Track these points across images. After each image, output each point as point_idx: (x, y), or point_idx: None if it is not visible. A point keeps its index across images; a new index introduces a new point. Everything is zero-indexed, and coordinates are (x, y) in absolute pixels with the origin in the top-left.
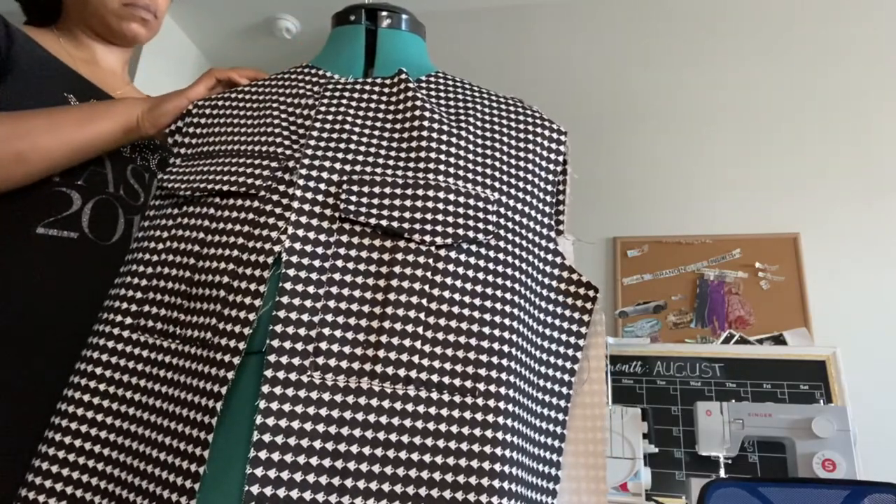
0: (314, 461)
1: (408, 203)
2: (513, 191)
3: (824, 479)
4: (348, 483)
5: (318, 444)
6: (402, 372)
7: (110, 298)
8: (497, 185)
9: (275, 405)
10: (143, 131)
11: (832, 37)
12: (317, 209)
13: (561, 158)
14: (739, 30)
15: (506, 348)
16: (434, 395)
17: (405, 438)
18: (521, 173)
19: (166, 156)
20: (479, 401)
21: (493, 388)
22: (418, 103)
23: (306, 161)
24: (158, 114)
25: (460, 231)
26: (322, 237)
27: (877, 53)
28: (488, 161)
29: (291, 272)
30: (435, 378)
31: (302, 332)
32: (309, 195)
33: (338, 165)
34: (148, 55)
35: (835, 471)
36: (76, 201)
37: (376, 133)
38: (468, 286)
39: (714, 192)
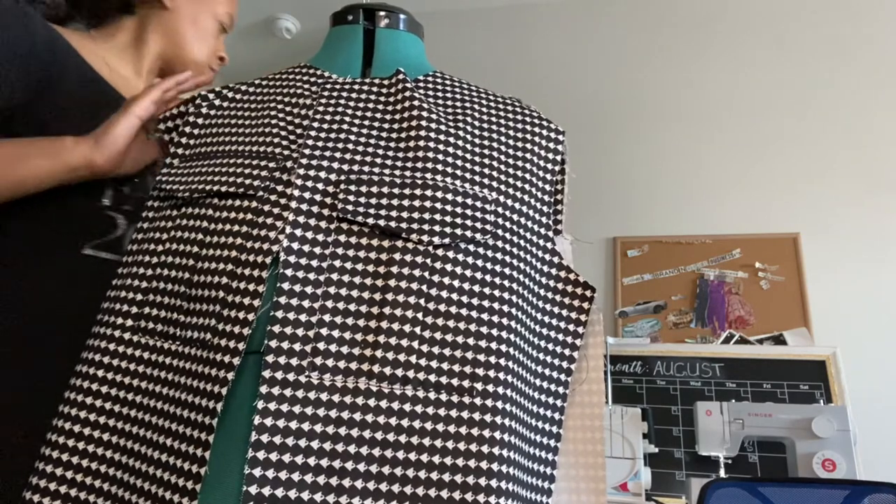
0: (312, 461)
1: (405, 203)
2: (510, 190)
3: (824, 479)
4: (346, 483)
5: (316, 445)
6: (399, 372)
7: (109, 301)
8: (495, 184)
9: (273, 405)
10: (99, 167)
11: (832, 37)
12: (314, 209)
13: (559, 158)
14: (739, 30)
15: (503, 348)
16: (432, 395)
17: (403, 438)
18: (519, 173)
19: None
20: (477, 400)
21: (490, 387)
22: (416, 103)
23: (304, 161)
24: (109, 143)
25: (458, 231)
26: (320, 237)
27: (878, 53)
28: (486, 161)
29: (289, 272)
30: (433, 378)
31: (300, 332)
32: (307, 195)
33: (335, 165)
34: None
35: (835, 471)
36: (121, 226)
37: (374, 133)
38: (466, 286)
39: (714, 192)
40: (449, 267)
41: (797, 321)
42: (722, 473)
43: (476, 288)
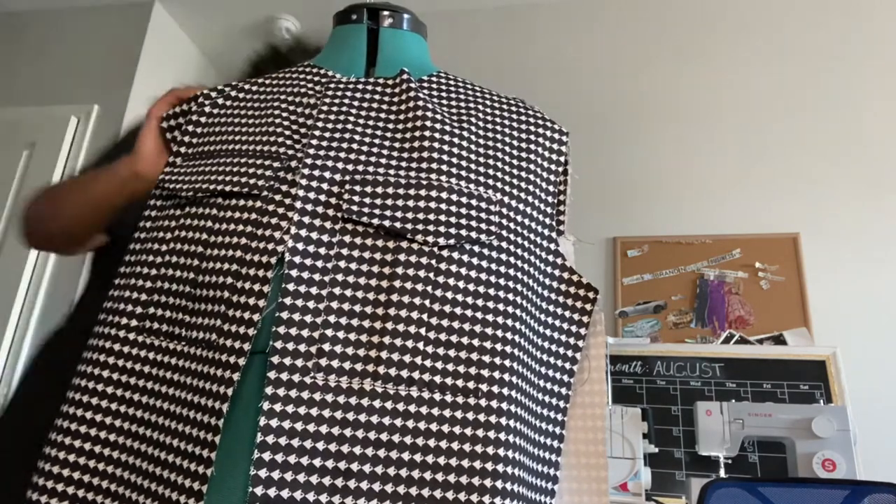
0: (317, 462)
1: (410, 203)
2: (514, 191)
3: (824, 479)
4: (351, 484)
5: (320, 446)
6: (404, 373)
7: (112, 301)
8: (499, 185)
9: (278, 406)
10: (142, 171)
11: (832, 36)
12: (319, 209)
13: (562, 159)
14: (739, 30)
15: (507, 349)
16: (436, 396)
17: (407, 439)
18: (523, 173)
19: None
20: (482, 401)
21: (494, 388)
22: (420, 103)
23: (308, 161)
24: (141, 147)
25: (463, 231)
26: (325, 237)
27: (877, 53)
28: (490, 161)
29: (294, 273)
30: (437, 379)
31: (305, 332)
32: (311, 195)
33: (340, 165)
34: (148, 55)
35: (835, 471)
36: None
37: (378, 133)
38: (470, 287)
39: (714, 192)
40: (454, 268)
41: (797, 321)
42: (722, 473)
43: (480, 289)
